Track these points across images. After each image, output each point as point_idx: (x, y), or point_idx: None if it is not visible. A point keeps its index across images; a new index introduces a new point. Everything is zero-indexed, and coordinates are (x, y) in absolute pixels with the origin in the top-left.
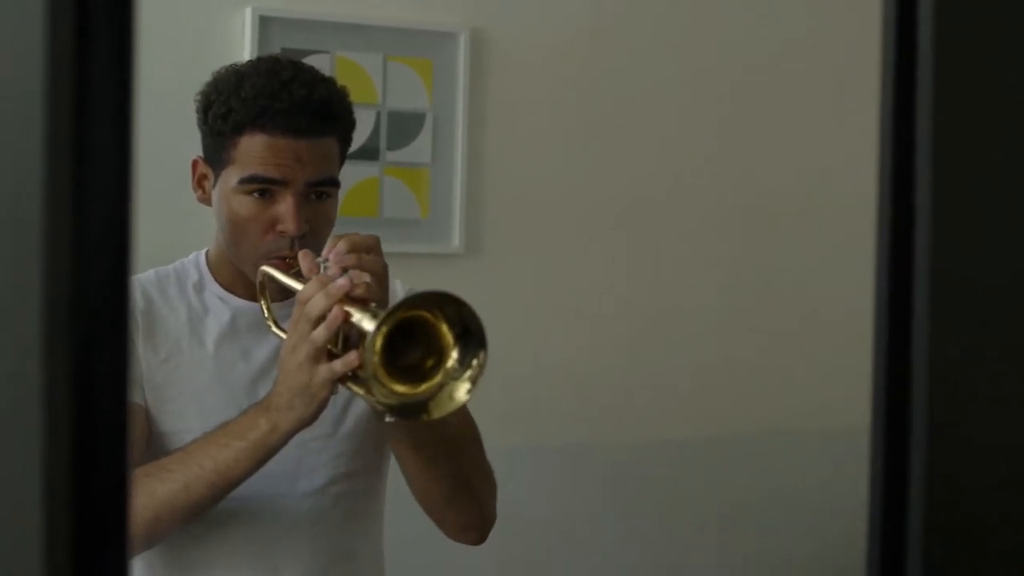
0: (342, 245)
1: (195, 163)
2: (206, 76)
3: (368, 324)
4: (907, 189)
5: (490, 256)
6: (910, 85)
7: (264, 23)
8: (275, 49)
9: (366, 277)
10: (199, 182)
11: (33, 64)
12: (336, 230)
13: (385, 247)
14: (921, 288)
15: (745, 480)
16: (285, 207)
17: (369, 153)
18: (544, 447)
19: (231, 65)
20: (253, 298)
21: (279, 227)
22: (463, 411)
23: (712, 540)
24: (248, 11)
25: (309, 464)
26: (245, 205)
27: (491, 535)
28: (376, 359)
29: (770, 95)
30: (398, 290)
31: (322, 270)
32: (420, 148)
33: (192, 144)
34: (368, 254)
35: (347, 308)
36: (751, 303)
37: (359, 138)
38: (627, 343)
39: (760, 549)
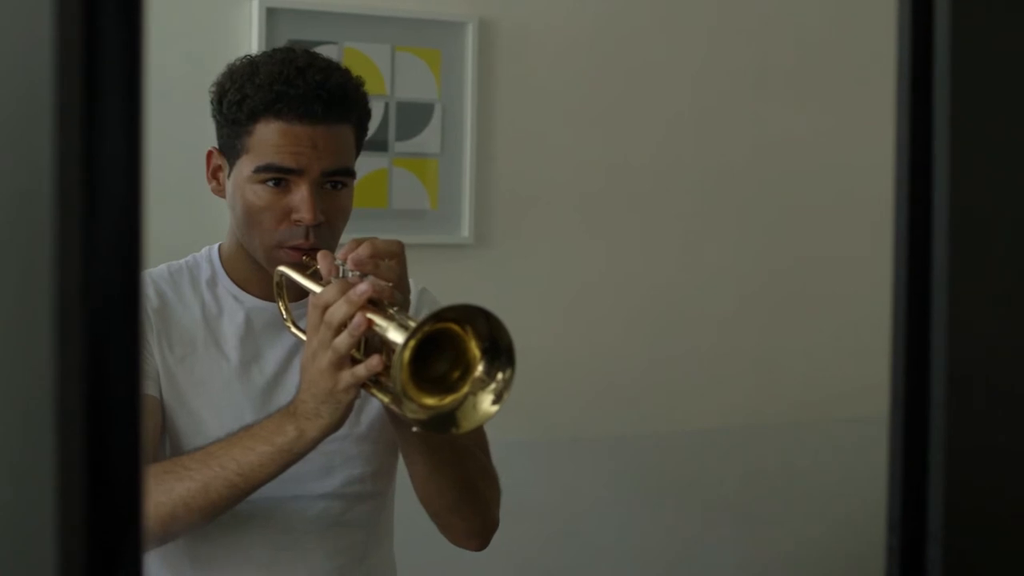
0: (363, 250)
1: (209, 154)
2: (214, 68)
3: (393, 333)
4: (925, 176)
5: (499, 246)
6: (927, 75)
7: (271, 15)
8: (282, 41)
9: (387, 284)
10: (214, 173)
11: (42, 58)
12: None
13: (395, 238)
14: (940, 274)
15: (760, 470)
16: (300, 196)
17: (378, 144)
18: (556, 439)
19: (245, 56)
20: (267, 296)
21: (294, 216)
22: None
23: (725, 532)
24: (255, 3)
25: (324, 467)
26: (260, 194)
27: (500, 530)
28: (404, 375)
29: (782, 86)
30: (412, 288)
31: (341, 273)
32: (429, 139)
33: (198, 136)
34: (389, 260)
35: (369, 315)
36: (763, 293)
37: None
38: (639, 333)
39: (775, 540)
